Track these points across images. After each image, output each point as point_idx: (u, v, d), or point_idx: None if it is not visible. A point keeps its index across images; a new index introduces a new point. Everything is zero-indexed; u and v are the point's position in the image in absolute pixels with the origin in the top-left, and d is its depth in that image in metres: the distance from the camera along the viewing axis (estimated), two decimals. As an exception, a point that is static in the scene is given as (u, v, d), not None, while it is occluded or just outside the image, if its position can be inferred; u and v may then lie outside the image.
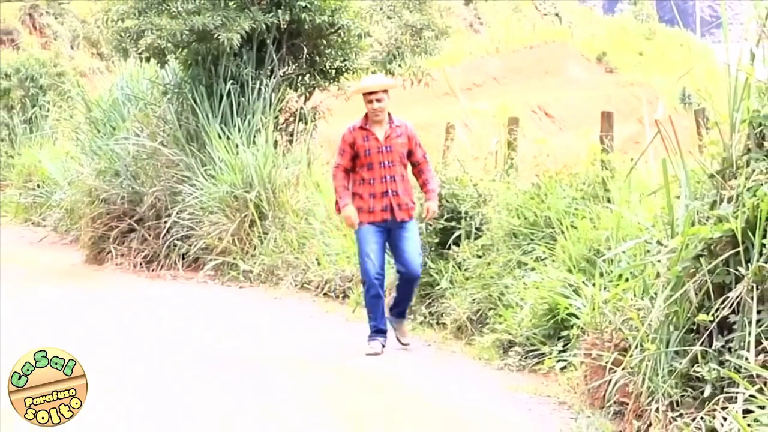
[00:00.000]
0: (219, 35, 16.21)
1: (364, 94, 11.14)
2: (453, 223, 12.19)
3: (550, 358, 9.77)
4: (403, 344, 11.40)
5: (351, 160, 11.13)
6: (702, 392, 7.34)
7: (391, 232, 11.07)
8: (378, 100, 11.06)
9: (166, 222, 16.97)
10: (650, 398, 7.73)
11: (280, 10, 16.87)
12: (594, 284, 9.44)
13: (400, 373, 10.15)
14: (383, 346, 11.11)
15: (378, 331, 11.18)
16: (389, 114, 11.17)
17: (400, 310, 11.46)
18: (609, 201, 11.00)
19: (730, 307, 7.32)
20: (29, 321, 13.43)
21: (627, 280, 8.88)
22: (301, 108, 17.89)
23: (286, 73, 17.54)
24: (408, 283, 11.25)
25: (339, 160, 11.17)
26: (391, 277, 11.81)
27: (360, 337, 11.90)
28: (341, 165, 11.14)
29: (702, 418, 7.13)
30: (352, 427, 8.47)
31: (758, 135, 7.51)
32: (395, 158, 11.05)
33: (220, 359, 10.97)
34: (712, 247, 7.53)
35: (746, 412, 6.47)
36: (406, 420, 8.56)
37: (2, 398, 8.37)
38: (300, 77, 17.83)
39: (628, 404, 8.03)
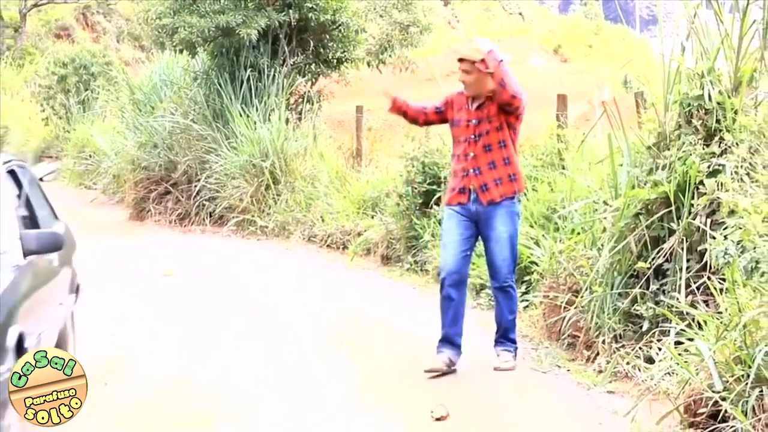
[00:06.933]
0: (240, 31, 16.17)
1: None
2: (434, 187, 12.08)
3: (514, 299, 9.76)
4: (495, 368, 7.86)
5: (437, 112, 7.95)
6: (641, 327, 7.36)
7: (478, 224, 7.77)
8: (465, 71, 7.69)
9: (196, 186, 17.00)
10: (598, 332, 7.74)
11: (291, 10, 16.83)
12: (551, 237, 9.43)
13: (392, 313, 10.12)
14: (450, 362, 7.73)
15: (445, 341, 7.79)
16: None
17: (499, 334, 7.98)
18: (564, 168, 10.96)
19: (664, 256, 7.35)
20: (89, 264, 13.44)
21: (579, 233, 8.87)
22: (308, 91, 17.83)
23: (296, 62, 17.46)
24: (496, 293, 7.93)
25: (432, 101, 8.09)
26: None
27: (357, 282, 11.89)
28: (427, 104, 8.07)
29: (641, 348, 7.15)
30: (351, 357, 8.47)
31: (687, 113, 7.51)
32: (482, 130, 7.67)
33: (239, 299, 10.96)
34: (649, 206, 7.54)
35: (677, 343, 6.48)
36: (396, 348, 8.56)
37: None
38: (307, 66, 17.76)
39: (579, 337, 8.03)
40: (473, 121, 7.73)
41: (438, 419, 6.68)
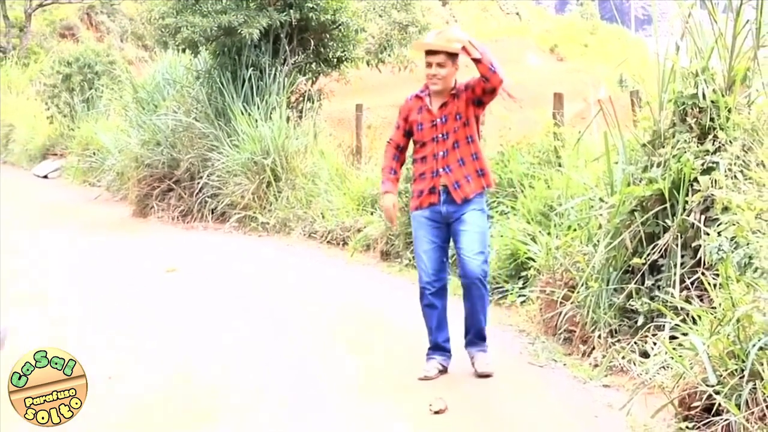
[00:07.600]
0: (242, 31, 16.14)
1: (425, 53, 7.37)
2: (433, 184, 12.06)
3: (512, 294, 9.75)
4: (479, 374, 7.54)
5: (406, 135, 7.65)
6: (636, 322, 7.36)
7: (450, 226, 7.45)
8: (439, 65, 7.32)
9: (198, 183, 16.96)
10: (593, 327, 7.74)
11: (291, 10, 16.79)
12: (548, 233, 9.42)
13: (391, 310, 10.08)
14: (441, 368, 7.58)
15: (435, 348, 7.66)
16: (456, 83, 7.46)
17: (471, 335, 7.63)
18: (560, 166, 10.96)
19: (659, 252, 7.35)
20: (92, 260, 13.46)
21: (575, 230, 8.86)
22: (309, 90, 17.82)
23: (297, 61, 17.43)
24: (468, 291, 7.42)
25: (392, 134, 7.81)
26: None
27: (357, 278, 11.86)
28: (393, 140, 7.73)
29: (636, 343, 7.16)
30: (351, 356, 8.46)
31: (681, 112, 7.52)
32: (450, 128, 7.35)
33: (240, 297, 10.93)
34: (644, 203, 7.54)
35: (672, 338, 6.48)
36: (396, 346, 8.56)
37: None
38: (308, 65, 17.74)
39: (575, 332, 8.02)
40: (439, 120, 7.40)
41: (436, 412, 6.68)
